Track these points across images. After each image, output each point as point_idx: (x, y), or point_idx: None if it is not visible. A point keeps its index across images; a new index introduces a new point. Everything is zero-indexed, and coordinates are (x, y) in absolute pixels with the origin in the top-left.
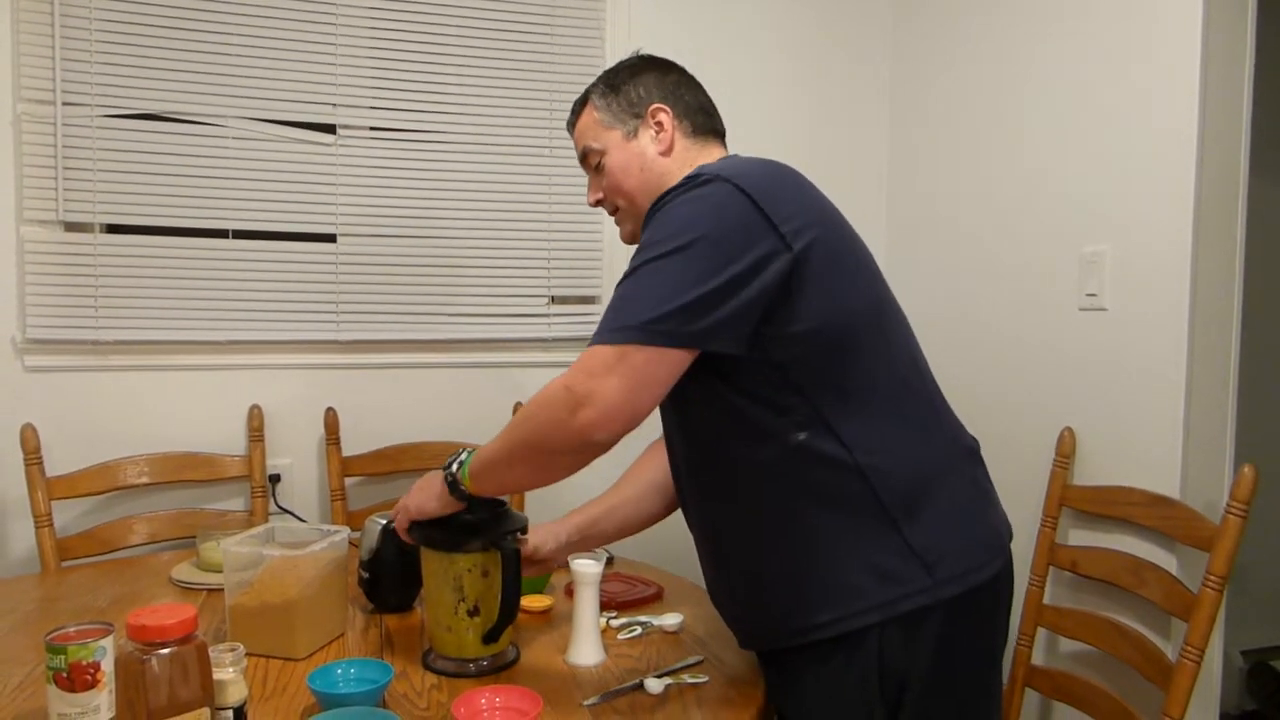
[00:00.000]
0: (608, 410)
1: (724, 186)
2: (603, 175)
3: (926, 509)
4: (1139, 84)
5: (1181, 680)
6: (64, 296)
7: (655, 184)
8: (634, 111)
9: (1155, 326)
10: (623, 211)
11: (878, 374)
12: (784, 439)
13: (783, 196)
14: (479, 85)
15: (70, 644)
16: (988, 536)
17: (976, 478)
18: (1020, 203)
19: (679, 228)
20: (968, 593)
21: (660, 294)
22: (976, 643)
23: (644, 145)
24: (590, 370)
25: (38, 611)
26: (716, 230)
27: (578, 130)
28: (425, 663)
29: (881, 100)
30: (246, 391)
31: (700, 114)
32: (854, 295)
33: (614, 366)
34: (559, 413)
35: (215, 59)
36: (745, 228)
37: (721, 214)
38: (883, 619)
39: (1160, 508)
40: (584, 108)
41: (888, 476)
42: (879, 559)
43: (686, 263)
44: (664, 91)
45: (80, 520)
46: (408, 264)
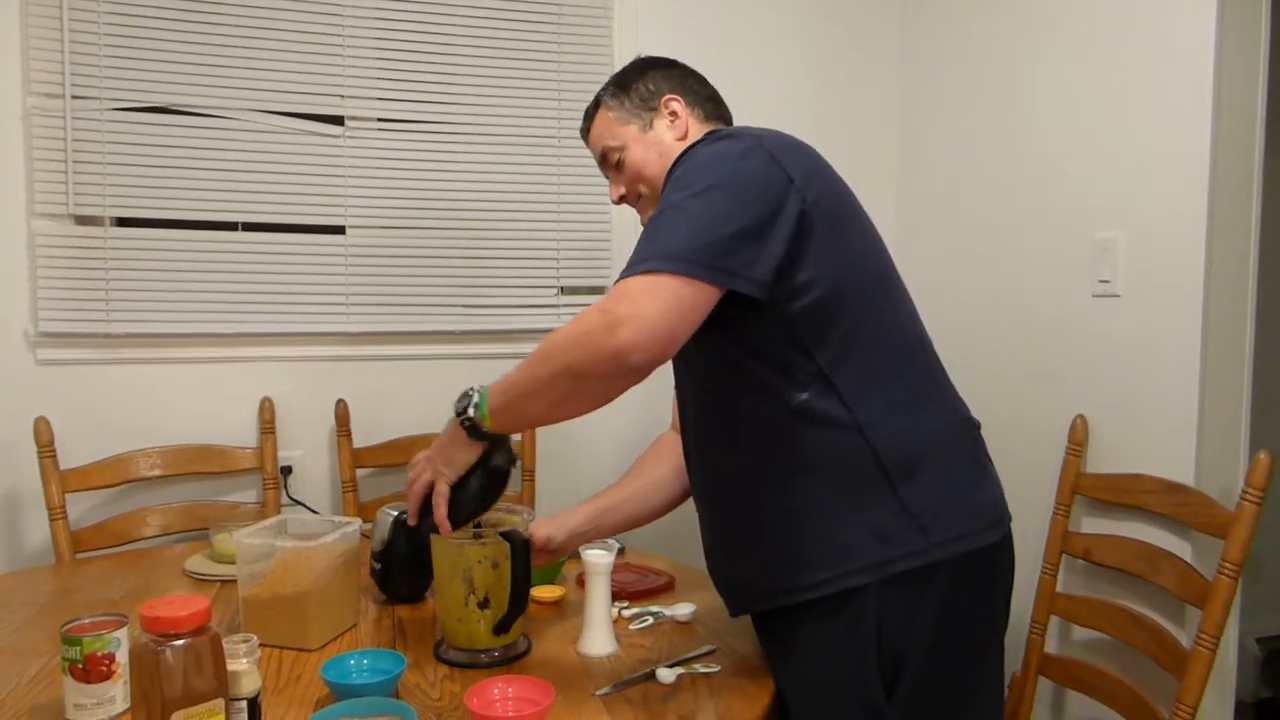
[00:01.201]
0: (648, 329)
1: (744, 140)
2: (623, 171)
3: (924, 472)
4: (1152, 67)
5: (1196, 668)
6: (75, 290)
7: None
8: (647, 105)
9: (1169, 312)
10: (645, 199)
11: (881, 340)
12: (786, 397)
13: (797, 156)
14: (487, 76)
15: (85, 635)
16: (984, 506)
17: (975, 451)
18: (1032, 188)
19: (705, 172)
20: (963, 557)
21: (693, 229)
22: (974, 613)
23: (661, 134)
24: (626, 294)
25: (53, 603)
26: (741, 176)
27: (594, 135)
28: (437, 653)
29: (891, 87)
30: (257, 384)
31: (710, 102)
32: (859, 261)
33: (652, 290)
34: (595, 334)
35: (224, 52)
36: (767, 176)
37: (745, 162)
38: (878, 579)
39: (1174, 495)
40: (597, 111)
41: (887, 438)
42: (875, 518)
43: (715, 202)
44: (673, 83)
45: (93, 513)
46: (417, 255)
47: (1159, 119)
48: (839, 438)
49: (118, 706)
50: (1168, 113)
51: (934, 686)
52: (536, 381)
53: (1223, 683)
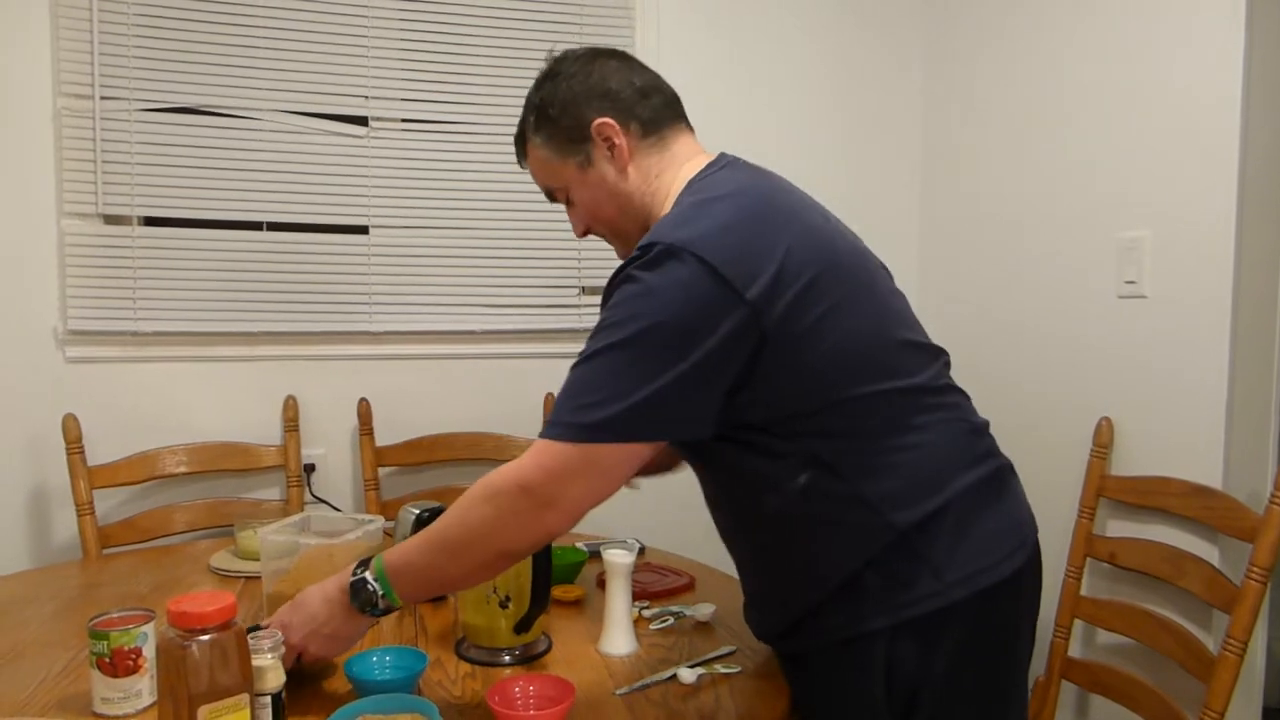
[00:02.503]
0: (573, 512)
1: (683, 263)
2: (576, 207)
3: (935, 519)
4: (1179, 64)
5: (1224, 673)
6: (103, 288)
7: (634, 206)
8: (577, 136)
9: (1196, 313)
10: (613, 237)
11: (878, 403)
12: (786, 484)
13: (752, 250)
14: (509, 76)
15: (113, 630)
16: (1004, 533)
17: (990, 471)
18: (1057, 188)
19: (638, 311)
20: (980, 594)
21: (622, 387)
22: (994, 645)
23: (603, 171)
24: (551, 472)
25: (80, 598)
26: (679, 315)
27: (532, 171)
28: (458, 651)
29: (915, 88)
30: (281, 382)
31: (645, 104)
32: (849, 334)
33: (578, 470)
34: (521, 516)
35: (250, 53)
36: (708, 305)
37: (684, 294)
38: (892, 623)
39: (1201, 498)
40: (526, 146)
41: (894, 499)
42: (890, 567)
43: (648, 351)
44: (598, 98)
45: (120, 509)
46: (440, 255)
47: (1186, 116)
48: (846, 509)
49: (144, 700)
50: (1195, 110)
51: (954, 710)
52: (463, 566)
53: (1250, 688)
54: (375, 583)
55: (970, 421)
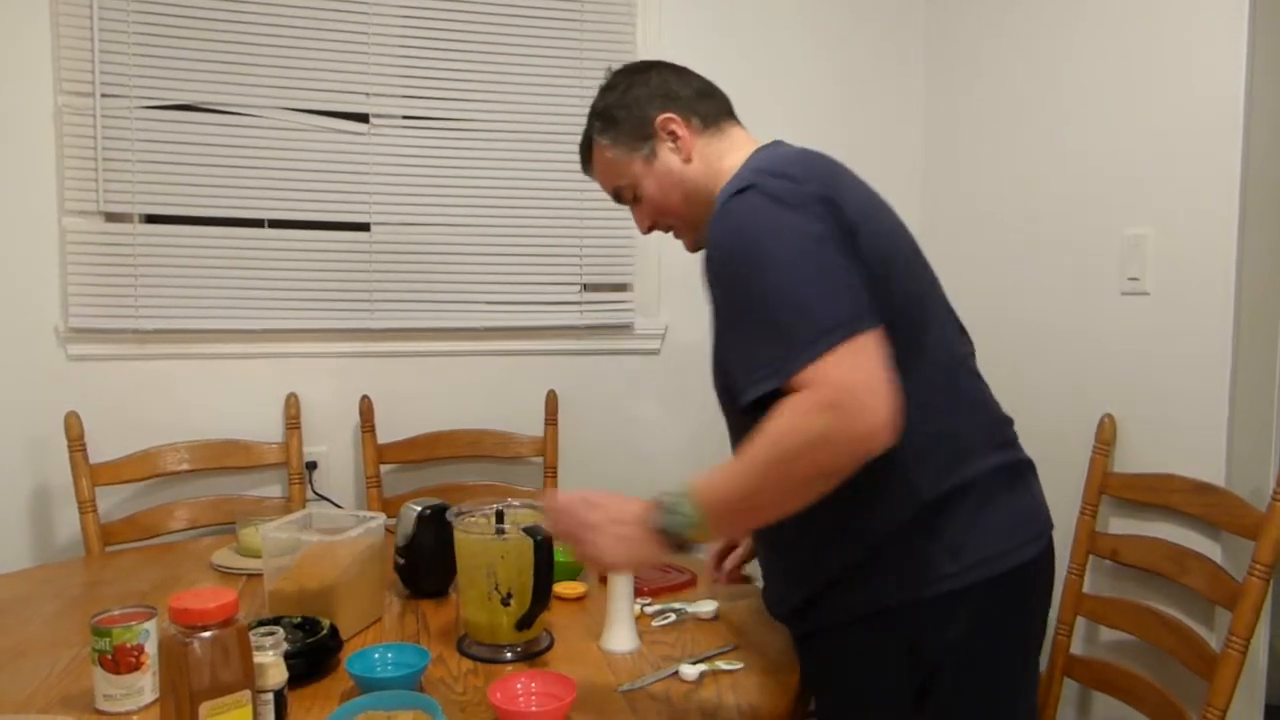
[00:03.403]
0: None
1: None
2: (643, 204)
3: (957, 501)
4: (1182, 60)
5: (1226, 671)
6: (105, 286)
7: (699, 192)
8: (642, 134)
9: (1199, 310)
10: (678, 228)
11: (911, 365)
12: None
13: (821, 177)
14: (511, 73)
15: (115, 627)
16: (1021, 521)
17: (1010, 461)
18: (1059, 185)
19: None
20: (998, 578)
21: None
22: (1009, 628)
23: (668, 162)
24: (831, 382)
25: (83, 595)
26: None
27: (597, 173)
28: (460, 648)
29: (917, 82)
30: (283, 379)
31: (702, 102)
32: (909, 281)
33: (848, 362)
34: (836, 434)
35: (251, 50)
36: (798, 206)
37: (775, 206)
38: (910, 601)
39: (1204, 495)
40: (592, 151)
41: (924, 466)
42: (912, 544)
43: (802, 257)
44: (660, 98)
45: (123, 506)
46: (441, 252)
47: (1189, 113)
48: (875, 471)
49: (146, 697)
50: (1198, 106)
51: (967, 699)
52: (776, 493)
53: (1252, 686)
54: (680, 504)
55: (997, 408)
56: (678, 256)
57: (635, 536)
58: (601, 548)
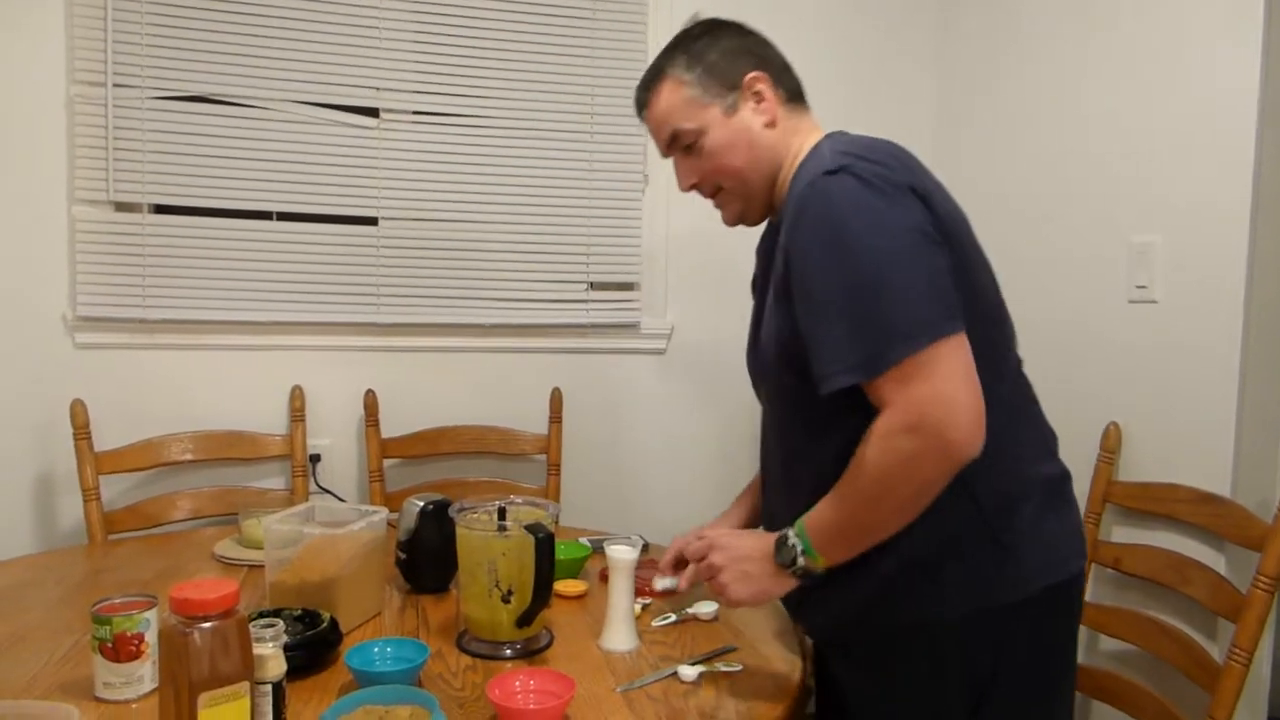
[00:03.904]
0: (971, 419)
1: (850, 175)
2: (697, 157)
3: (1018, 510)
4: (1193, 67)
5: (1229, 683)
6: (113, 275)
7: (765, 160)
8: (730, 82)
9: (1208, 319)
10: (729, 192)
11: (993, 368)
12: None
13: (907, 168)
14: (521, 69)
15: (115, 615)
16: (1069, 535)
17: (1061, 479)
18: (1068, 192)
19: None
20: (1051, 588)
21: (913, 286)
22: (1058, 640)
23: (747, 120)
24: (913, 401)
25: (85, 583)
26: (896, 215)
27: (660, 111)
28: (460, 644)
29: (927, 87)
30: (288, 372)
31: (788, 75)
32: (986, 279)
33: (937, 372)
34: (929, 456)
35: (262, 43)
36: (892, 198)
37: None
38: (968, 612)
39: (1209, 505)
40: (661, 84)
41: (985, 477)
42: (968, 552)
43: (911, 252)
44: (753, 57)
45: (126, 495)
46: (448, 248)
47: (1200, 121)
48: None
49: (146, 686)
50: (1209, 115)
51: (1019, 706)
52: (885, 514)
53: (1255, 698)
54: (796, 538)
55: (1045, 419)
56: (685, 257)
57: (759, 572)
58: (729, 587)
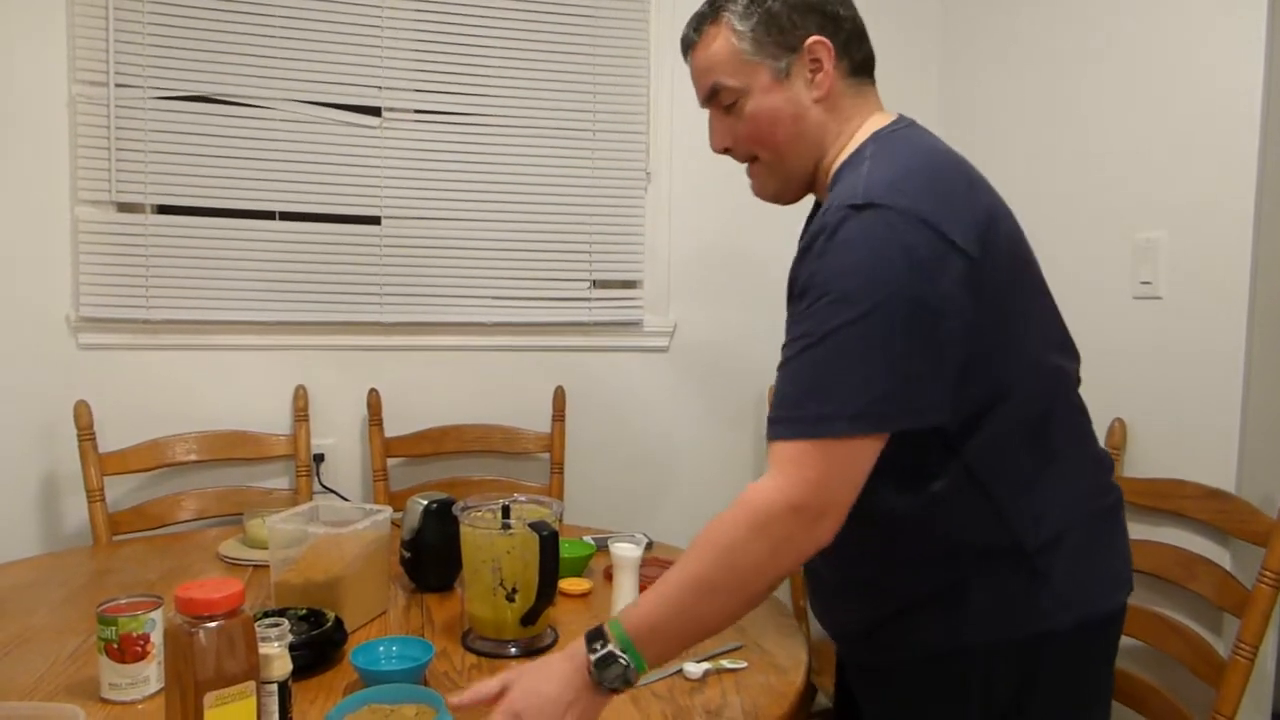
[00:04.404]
0: (841, 516)
1: (895, 218)
2: (737, 118)
3: (1060, 543)
4: (1197, 63)
5: (1234, 678)
6: (116, 276)
7: (810, 139)
8: (788, 43)
9: (1212, 315)
10: (763, 164)
11: (1024, 416)
12: (921, 487)
13: (960, 202)
14: (523, 68)
15: (121, 616)
16: (1115, 569)
17: (1111, 506)
18: (1072, 188)
19: (866, 281)
20: (1083, 624)
21: (870, 372)
22: (1089, 676)
23: (798, 90)
24: (815, 482)
25: (90, 584)
26: (906, 280)
27: (706, 58)
28: (465, 643)
29: (931, 86)
30: (292, 371)
31: (860, 43)
32: (1037, 318)
33: (842, 468)
34: (797, 540)
35: (264, 43)
36: (929, 259)
37: (904, 254)
38: (992, 641)
39: (1214, 501)
40: (714, 27)
41: (1025, 518)
42: (1004, 587)
43: (888, 332)
44: (824, 17)
45: (131, 496)
46: (451, 246)
47: (1204, 117)
48: (976, 521)
49: (151, 686)
50: (1213, 109)
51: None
52: (731, 606)
53: (1260, 694)
54: (623, 654)
55: (1099, 446)
56: (688, 254)
57: (583, 710)
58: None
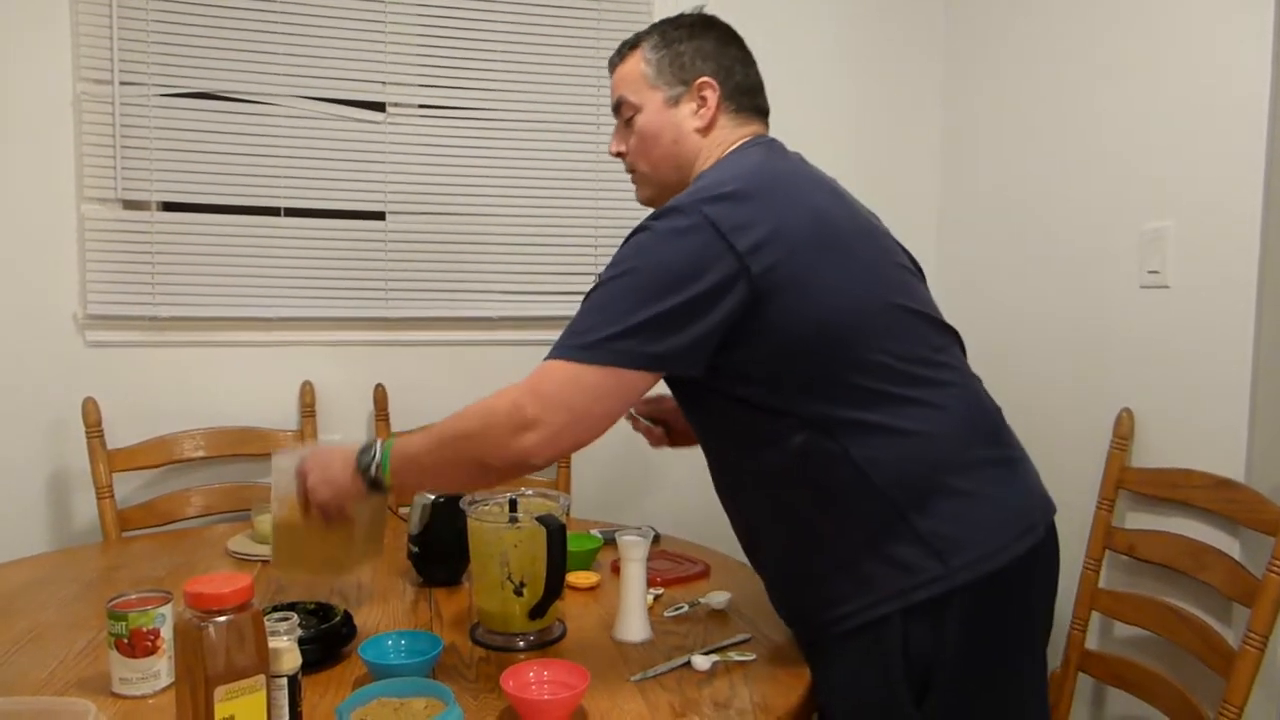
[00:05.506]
0: (550, 438)
1: (691, 216)
2: (631, 132)
3: (936, 497)
4: (1204, 50)
5: (1244, 668)
6: (123, 273)
7: (683, 158)
8: (681, 78)
9: (1220, 304)
10: (641, 175)
11: (874, 368)
12: (783, 442)
13: (750, 214)
14: (527, 62)
15: (131, 611)
16: (1011, 515)
17: (998, 451)
18: (1079, 177)
19: (640, 252)
20: (988, 577)
21: (616, 312)
22: (1005, 627)
23: (682, 117)
24: (541, 394)
25: (99, 580)
26: (674, 256)
27: (619, 76)
28: (473, 636)
29: (936, 75)
30: (298, 367)
31: (746, 95)
32: (841, 298)
33: (566, 388)
34: (502, 432)
35: (268, 39)
36: (702, 255)
37: (681, 240)
38: (901, 606)
39: (1223, 491)
40: (632, 52)
41: (890, 469)
42: (892, 550)
43: (642, 284)
44: (717, 64)
45: (139, 492)
46: (456, 241)
47: (1212, 105)
48: (841, 475)
49: (162, 681)
50: (1221, 99)
51: (966, 695)
52: (442, 462)
53: (1271, 683)
54: (378, 450)
55: (980, 402)
56: None
57: (335, 474)
58: (314, 491)
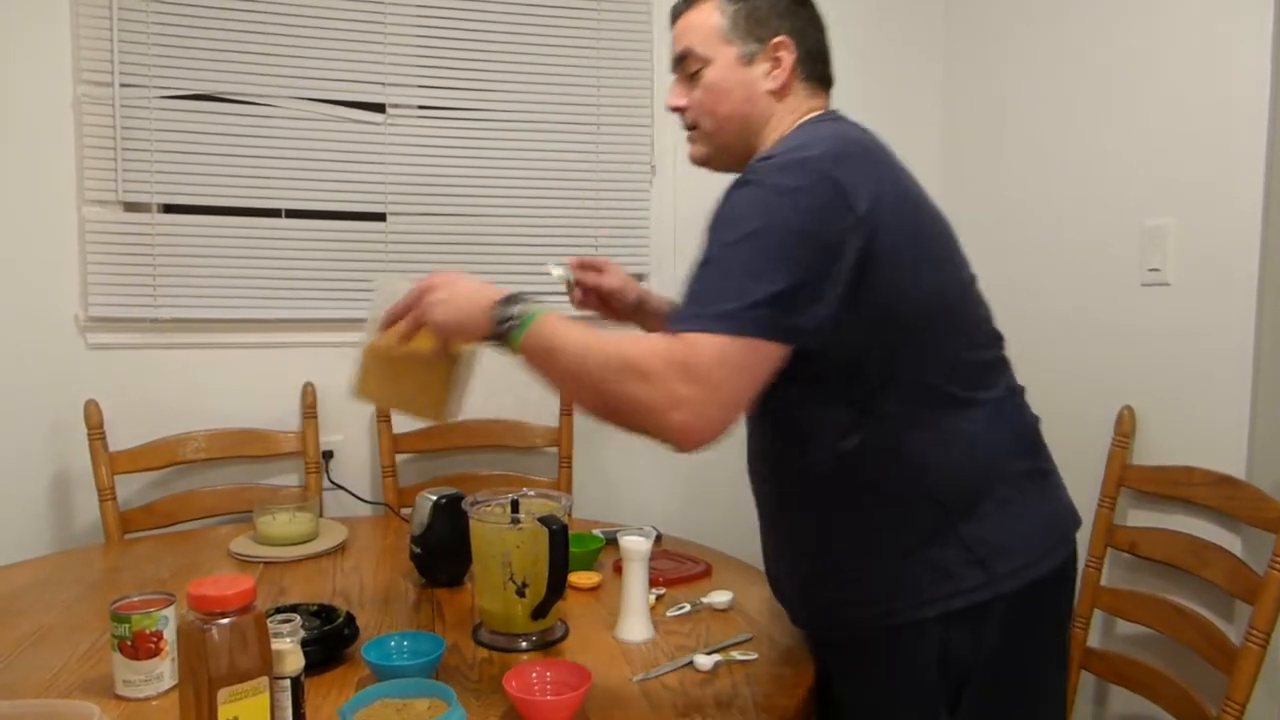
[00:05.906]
0: (703, 425)
1: (803, 172)
2: (695, 86)
3: (982, 505)
4: (1205, 47)
5: (1246, 665)
6: (124, 275)
7: (753, 120)
8: (758, 35)
9: (1221, 301)
10: (702, 132)
11: (945, 365)
12: (839, 437)
13: (857, 176)
14: (527, 63)
15: (134, 613)
16: (1049, 525)
17: (1037, 462)
18: (1080, 175)
19: (764, 209)
20: (1028, 586)
21: (747, 282)
22: (1039, 635)
23: (755, 76)
24: (693, 368)
25: (102, 582)
26: (799, 217)
27: (686, 24)
28: (475, 637)
29: (937, 72)
30: (300, 369)
31: (818, 61)
32: (929, 280)
33: (718, 369)
34: (653, 406)
35: (269, 41)
36: (825, 218)
37: (803, 199)
38: (941, 612)
39: (1225, 488)
40: (704, 2)
41: (942, 473)
42: (936, 555)
43: (772, 249)
44: (795, 24)
45: (141, 494)
46: (457, 242)
47: (1212, 103)
48: (893, 476)
49: (165, 683)
50: (1221, 94)
51: (999, 699)
52: (579, 384)
53: (1273, 680)
54: (525, 310)
55: (1026, 412)
56: (693, 247)
57: (467, 306)
58: (434, 306)
